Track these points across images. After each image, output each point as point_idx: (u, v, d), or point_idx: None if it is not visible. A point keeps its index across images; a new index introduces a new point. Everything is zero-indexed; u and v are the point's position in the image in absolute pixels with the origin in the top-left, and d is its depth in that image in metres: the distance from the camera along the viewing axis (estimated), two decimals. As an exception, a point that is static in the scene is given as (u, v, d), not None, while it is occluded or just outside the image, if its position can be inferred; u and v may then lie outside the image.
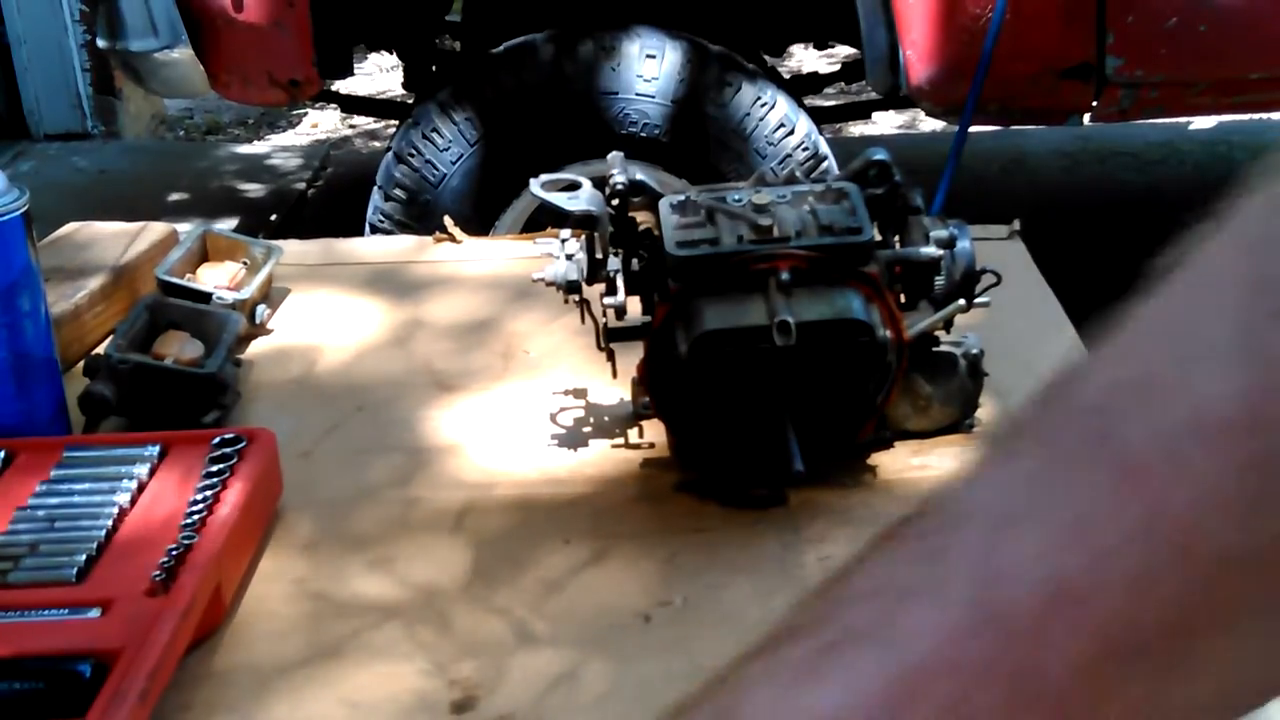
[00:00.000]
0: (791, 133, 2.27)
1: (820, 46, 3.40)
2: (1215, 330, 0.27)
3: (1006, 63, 2.15)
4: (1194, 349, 0.27)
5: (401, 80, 3.16)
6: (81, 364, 0.96)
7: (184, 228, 1.24)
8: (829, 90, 3.66)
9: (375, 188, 2.36)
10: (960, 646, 0.27)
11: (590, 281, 0.87)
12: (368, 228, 2.35)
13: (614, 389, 0.95)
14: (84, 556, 0.74)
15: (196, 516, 0.77)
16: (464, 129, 2.29)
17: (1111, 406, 0.28)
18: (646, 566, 0.79)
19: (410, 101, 2.91)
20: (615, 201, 0.86)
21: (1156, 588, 0.26)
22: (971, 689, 0.26)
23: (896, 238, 0.88)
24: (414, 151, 2.30)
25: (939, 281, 0.86)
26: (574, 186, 0.87)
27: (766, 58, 2.83)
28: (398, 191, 2.32)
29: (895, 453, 0.89)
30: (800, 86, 3.05)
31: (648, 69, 2.24)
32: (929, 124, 4.03)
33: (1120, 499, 0.26)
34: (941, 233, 0.86)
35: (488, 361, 1.06)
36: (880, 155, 0.88)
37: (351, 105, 3.45)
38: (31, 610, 0.70)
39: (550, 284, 0.88)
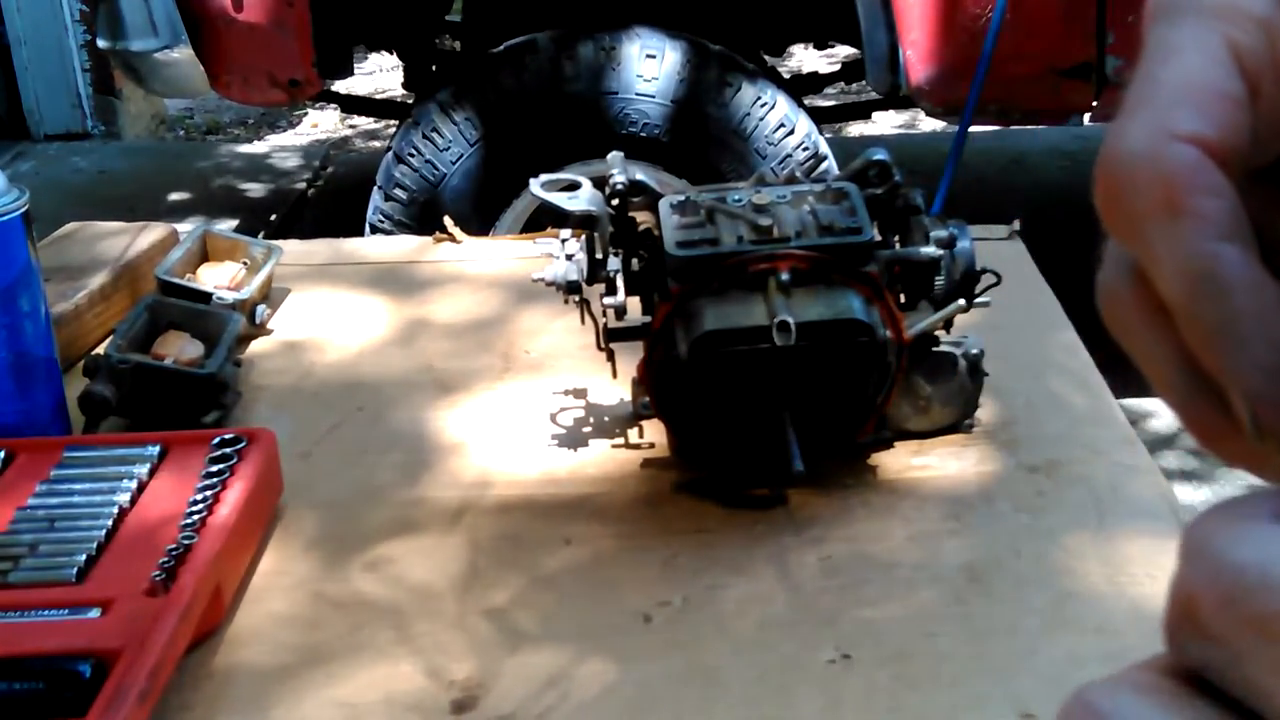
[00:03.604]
0: (791, 133, 2.27)
1: (820, 46, 3.40)
2: None
3: (1006, 63, 2.15)
4: None
5: (401, 80, 3.16)
6: (81, 364, 0.96)
7: (184, 228, 1.24)
8: (829, 90, 3.67)
9: (375, 188, 2.36)
10: None
11: (590, 281, 0.87)
12: (368, 228, 2.36)
13: (614, 389, 0.95)
14: (84, 556, 0.74)
15: (196, 516, 0.77)
16: (464, 129, 2.29)
17: None
18: (646, 566, 0.79)
19: (410, 101, 2.91)
20: (615, 201, 0.86)
21: None
22: None
23: (896, 238, 0.88)
24: (414, 151, 2.30)
25: (939, 281, 0.86)
26: (574, 186, 0.87)
27: (766, 58, 2.83)
28: (398, 191, 2.32)
29: (895, 453, 0.89)
30: (800, 86, 3.06)
31: (648, 69, 2.24)
32: (929, 124, 4.03)
33: None
34: (941, 233, 0.86)
35: (488, 361, 1.06)
36: (880, 155, 0.88)
37: (351, 105, 3.46)
38: (31, 610, 0.70)
39: (550, 284, 0.88)
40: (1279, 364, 0.25)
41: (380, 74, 5.13)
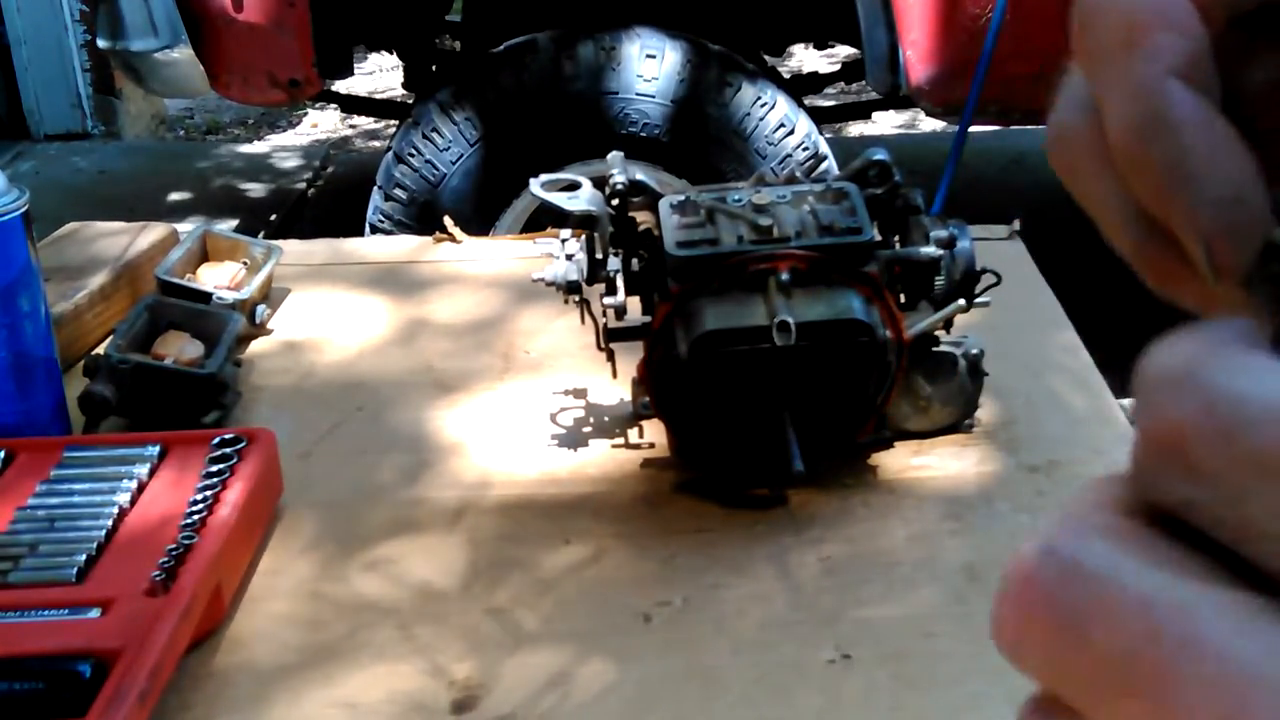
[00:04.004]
0: (791, 133, 2.27)
1: (820, 46, 3.40)
2: None
3: (1006, 63, 2.15)
4: None
5: (401, 80, 3.16)
6: (81, 364, 0.96)
7: (184, 228, 1.24)
8: (829, 90, 3.67)
9: (375, 188, 2.36)
10: None
11: (590, 281, 0.87)
12: (368, 228, 2.36)
13: (614, 389, 0.95)
14: (84, 556, 0.74)
15: (196, 516, 0.77)
16: (464, 129, 2.29)
17: None
18: (646, 566, 0.79)
19: (410, 101, 2.91)
20: (615, 201, 0.86)
21: None
22: None
23: (896, 238, 0.88)
24: (414, 151, 2.30)
25: (939, 281, 0.86)
26: (574, 186, 0.87)
27: (766, 58, 2.83)
28: (398, 191, 2.32)
29: (895, 453, 0.89)
30: (800, 86, 3.06)
31: (648, 69, 2.24)
32: (929, 124, 4.03)
33: None
34: (941, 233, 0.86)
35: (488, 361, 1.06)
36: (880, 155, 0.88)
37: (351, 105, 3.45)
38: (31, 610, 0.70)
39: (550, 284, 0.88)
40: (1231, 198, 0.24)
41: (380, 74, 5.13)
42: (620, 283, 0.87)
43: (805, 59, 4.65)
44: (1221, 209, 0.24)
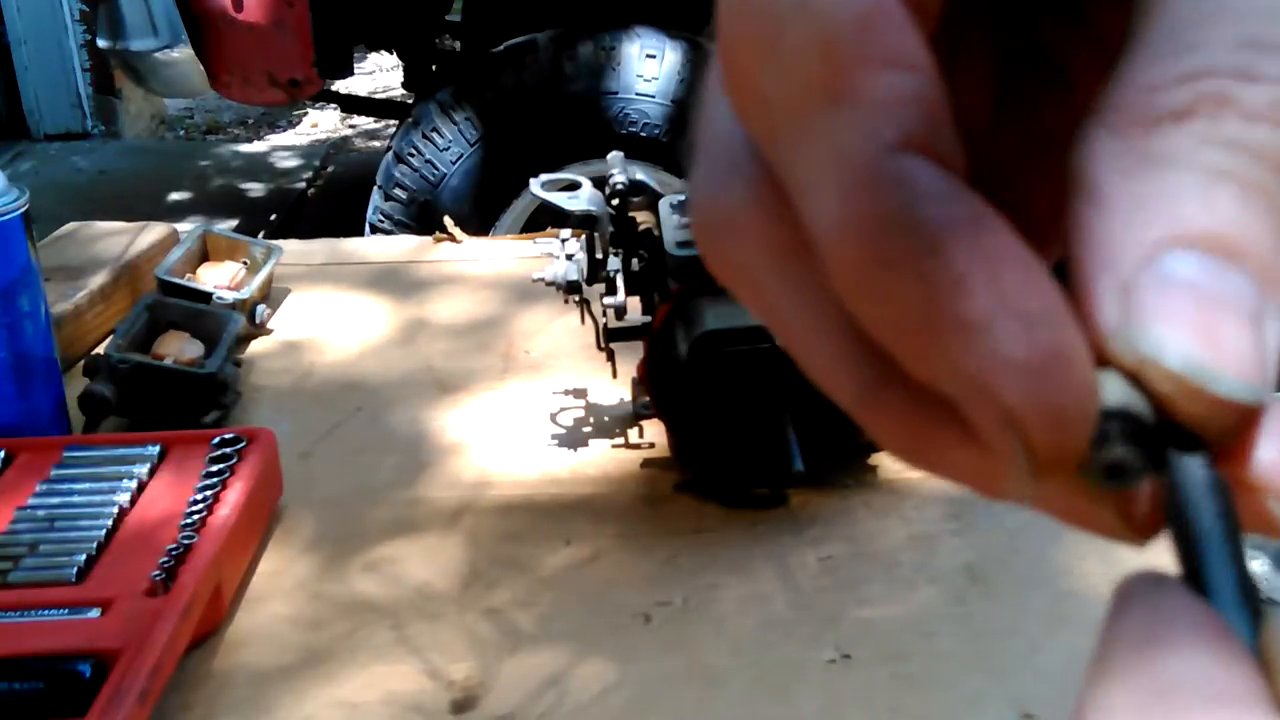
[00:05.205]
0: (791, 133, 2.27)
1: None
2: None
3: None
4: None
5: (401, 80, 3.16)
6: (81, 364, 0.96)
7: (184, 228, 1.24)
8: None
9: (375, 187, 2.36)
10: None
11: (590, 281, 0.87)
12: (368, 227, 2.36)
13: (614, 389, 0.95)
14: (84, 556, 0.74)
15: (196, 516, 0.77)
16: (464, 129, 2.29)
17: None
18: (646, 566, 0.79)
19: (410, 101, 2.91)
20: (615, 201, 0.86)
21: None
22: None
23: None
24: (414, 151, 2.30)
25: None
26: (574, 186, 0.87)
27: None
28: (398, 191, 2.32)
29: (895, 453, 0.89)
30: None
31: (648, 69, 2.24)
32: (929, 124, 4.02)
33: None
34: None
35: (488, 362, 1.06)
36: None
37: (351, 105, 3.46)
38: (31, 610, 0.70)
39: (550, 284, 0.88)
40: (1045, 356, 0.15)
41: (380, 74, 5.13)
42: (620, 283, 0.87)
43: (805, 59, 4.65)
44: (1033, 376, 0.15)
